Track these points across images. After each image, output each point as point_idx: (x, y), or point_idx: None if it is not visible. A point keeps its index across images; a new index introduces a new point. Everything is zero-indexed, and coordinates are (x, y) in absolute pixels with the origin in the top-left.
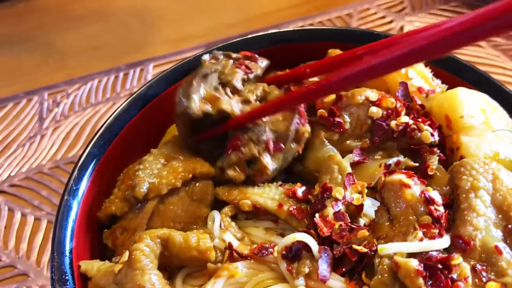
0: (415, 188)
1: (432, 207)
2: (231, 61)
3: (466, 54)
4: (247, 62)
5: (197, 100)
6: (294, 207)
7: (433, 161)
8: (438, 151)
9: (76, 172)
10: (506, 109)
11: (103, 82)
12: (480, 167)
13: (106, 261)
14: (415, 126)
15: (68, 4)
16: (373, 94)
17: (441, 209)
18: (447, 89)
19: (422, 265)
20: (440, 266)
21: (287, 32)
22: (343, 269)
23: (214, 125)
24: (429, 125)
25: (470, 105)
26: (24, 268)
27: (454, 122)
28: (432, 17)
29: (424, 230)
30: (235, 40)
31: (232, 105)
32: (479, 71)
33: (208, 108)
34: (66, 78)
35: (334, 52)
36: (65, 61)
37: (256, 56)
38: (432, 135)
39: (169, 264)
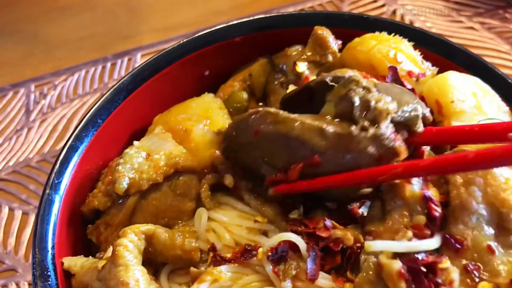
0: (416, 185)
1: (431, 206)
2: None
3: (460, 37)
4: None
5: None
6: None
7: (426, 147)
8: None
9: (57, 165)
10: (498, 92)
11: (91, 72)
12: None
13: (90, 257)
14: None
15: None
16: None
17: (439, 209)
18: (438, 72)
19: (406, 267)
20: (424, 269)
21: (272, 17)
22: (330, 266)
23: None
24: None
25: (460, 89)
26: (12, 263)
27: (445, 107)
28: (425, 0)
29: (415, 231)
30: (219, 27)
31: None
32: (470, 53)
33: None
34: (53, 69)
35: (321, 28)
36: (51, 53)
37: None
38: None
39: (154, 260)
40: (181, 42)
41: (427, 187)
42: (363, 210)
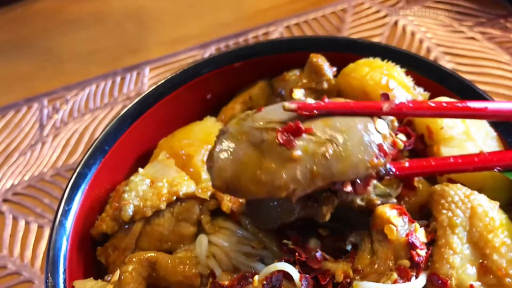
0: (401, 230)
1: (414, 252)
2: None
3: (461, 48)
4: None
5: None
6: None
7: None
8: None
9: (67, 192)
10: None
11: (101, 87)
12: (460, 200)
13: (99, 280)
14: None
15: (65, 7)
16: None
17: (423, 253)
18: (430, 96)
19: None
20: None
21: (270, 43)
22: None
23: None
24: (404, 132)
25: None
26: (29, 275)
27: (435, 133)
28: (427, 10)
29: (400, 273)
30: (212, 56)
31: None
32: (461, 78)
33: None
34: (64, 83)
35: (316, 56)
36: (62, 66)
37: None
38: (404, 143)
39: (158, 285)
40: (184, 69)
41: (415, 230)
42: (352, 242)
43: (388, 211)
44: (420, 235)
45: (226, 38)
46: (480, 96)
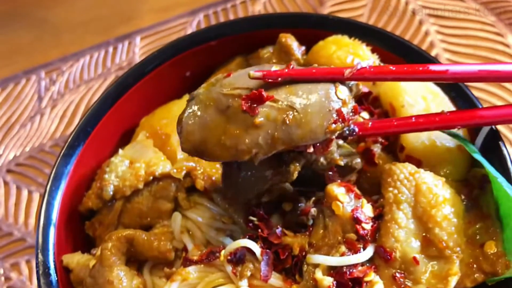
0: (347, 206)
1: (358, 226)
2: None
3: (445, 10)
4: None
5: None
6: None
7: (377, 149)
8: (380, 139)
9: (53, 173)
10: (449, 95)
11: (94, 57)
12: (405, 178)
13: (85, 254)
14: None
15: None
16: None
17: (368, 226)
18: None
19: (335, 282)
20: (350, 283)
21: (242, 20)
22: (282, 267)
23: None
24: (367, 110)
25: (411, 93)
26: (33, 241)
27: (397, 111)
28: None
29: (348, 246)
30: (189, 34)
31: None
32: (426, 54)
33: None
34: (61, 55)
35: (285, 36)
36: (59, 37)
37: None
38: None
39: (137, 258)
40: (163, 47)
41: (361, 205)
42: (313, 217)
43: (336, 189)
44: (367, 210)
45: (214, 4)
46: None
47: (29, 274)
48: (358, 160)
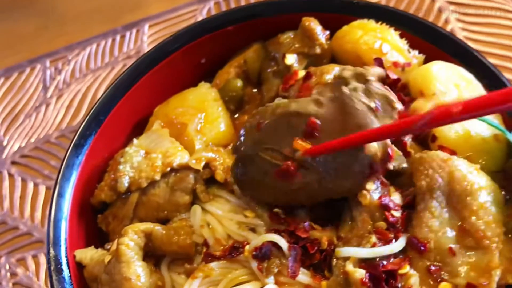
0: (373, 194)
1: (388, 213)
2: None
3: None
4: None
5: None
6: None
7: (408, 139)
8: None
9: (63, 166)
10: (482, 82)
11: (101, 46)
12: (438, 166)
13: (99, 249)
14: None
15: None
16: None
17: (397, 214)
18: (425, 59)
19: (368, 275)
20: (384, 275)
21: (261, 4)
22: (310, 262)
23: None
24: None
25: (443, 80)
26: (40, 236)
27: (427, 99)
28: None
29: (379, 236)
30: (205, 20)
31: None
32: (457, 40)
33: None
34: (66, 43)
35: (308, 20)
36: (64, 26)
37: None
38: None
39: (154, 253)
40: (177, 33)
41: (389, 193)
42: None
43: None
44: (395, 198)
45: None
46: (475, 58)
47: (36, 269)
48: (405, 165)
